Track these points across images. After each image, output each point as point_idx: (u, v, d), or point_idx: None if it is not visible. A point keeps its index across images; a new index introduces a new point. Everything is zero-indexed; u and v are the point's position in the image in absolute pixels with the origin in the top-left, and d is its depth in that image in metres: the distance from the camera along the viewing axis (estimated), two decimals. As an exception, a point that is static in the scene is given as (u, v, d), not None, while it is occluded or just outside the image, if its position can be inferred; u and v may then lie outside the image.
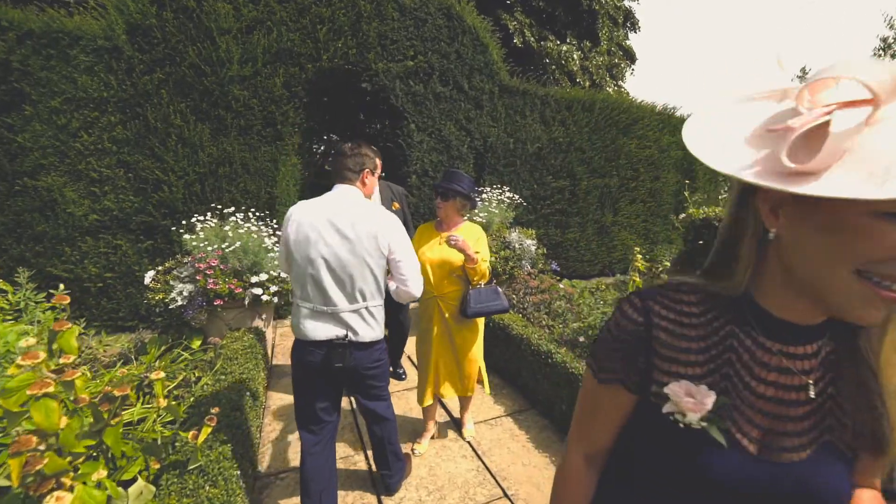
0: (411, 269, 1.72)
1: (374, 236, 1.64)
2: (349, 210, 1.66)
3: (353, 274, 1.64)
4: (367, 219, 1.65)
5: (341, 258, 1.62)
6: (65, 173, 3.99)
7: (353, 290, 1.65)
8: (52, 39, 3.77)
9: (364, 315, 1.69)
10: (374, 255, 1.65)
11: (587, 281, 6.89)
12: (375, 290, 1.70)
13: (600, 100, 6.61)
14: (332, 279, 1.64)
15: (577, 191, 6.62)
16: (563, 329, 3.15)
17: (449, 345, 2.32)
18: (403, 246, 1.70)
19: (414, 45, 5.09)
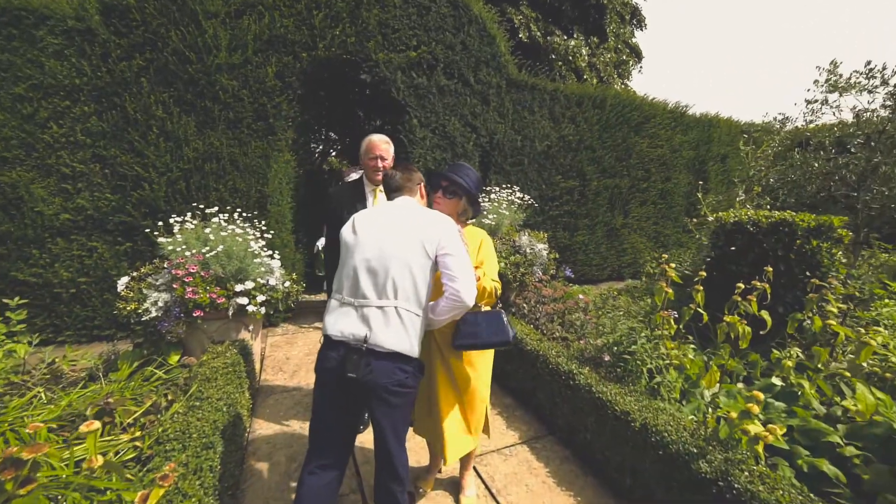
0: (462, 267, 1.53)
1: (422, 231, 1.55)
2: (403, 208, 1.66)
3: (389, 266, 1.50)
4: (418, 216, 1.61)
5: (381, 247, 1.53)
6: (32, 168, 3.64)
7: (386, 282, 1.49)
8: (13, 17, 3.41)
9: (390, 315, 1.46)
10: (418, 254, 1.53)
11: (597, 286, 6.58)
12: (412, 291, 1.51)
13: (611, 96, 6.30)
14: (365, 268, 1.52)
15: (587, 191, 6.31)
16: (582, 344, 2.82)
17: (444, 371, 1.90)
18: (455, 245, 1.56)
19: (417, 35, 4.76)
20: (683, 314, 2.44)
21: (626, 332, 2.54)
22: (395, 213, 1.64)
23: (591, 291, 4.99)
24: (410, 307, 1.49)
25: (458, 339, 1.73)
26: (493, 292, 1.81)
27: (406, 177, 1.76)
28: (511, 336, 1.74)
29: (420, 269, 1.52)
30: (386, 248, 1.52)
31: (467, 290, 1.50)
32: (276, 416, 2.86)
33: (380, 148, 2.49)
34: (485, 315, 1.77)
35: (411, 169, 1.79)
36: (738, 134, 7.71)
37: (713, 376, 2.30)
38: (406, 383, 1.47)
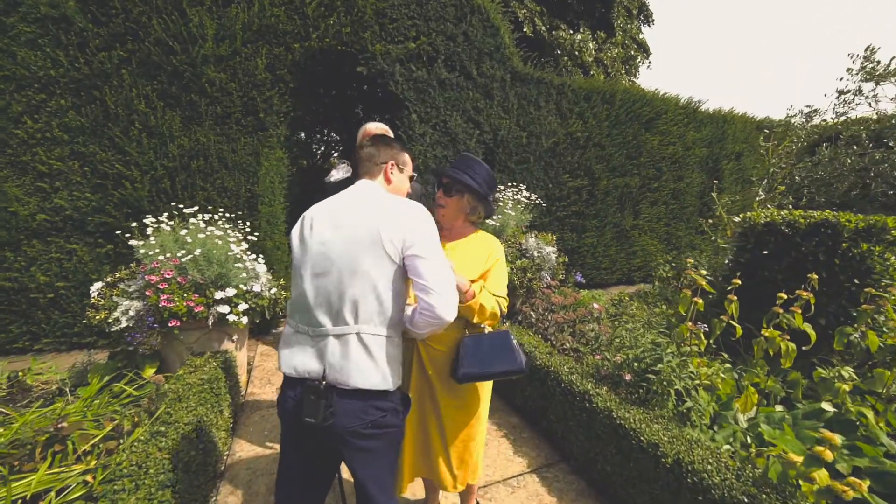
0: (437, 273, 1.16)
1: (381, 228, 1.16)
2: (359, 198, 1.27)
3: (343, 281, 1.16)
4: (374, 206, 1.23)
5: (332, 257, 1.18)
6: (6, 165, 3.41)
7: (342, 302, 1.16)
8: (-17, 5, 3.19)
9: (352, 345, 1.14)
10: (379, 259, 1.16)
11: (607, 291, 6.28)
12: (376, 310, 1.17)
13: (621, 91, 6.01)
14: (315, 286, 1.19)
15: (596, 191, 6.02)
16: (598, 359, 2.54)
17: (432, 412, 1.58)
18: (426, 242, 1.18)
19: (416, 25, 4.50)
20: (714, 327, 2.16)
21: (649, 348, 2.26)
22: (348, 206, 1.24)
23: (602, 297, 4.71)
24: (378, 329, 1.17)
25: (459, 370, 1.44)
26: (495, 312, 1.50)
27: (369, 151, 1.37)
28: (522, 363, 1.46)
29: (384, 280, 1.16)
30: (337, 256, 1.17)
31: (444, 304, 1.14)
32: (260, 436, 2.60)
33: None
34: (489, 338, 1.48)
35: (380, 141, 1.39)
36: (753, 130, 7.39)
37: (749, 398, 2.01)
38: (383, 423, 1.16)
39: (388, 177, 1.38)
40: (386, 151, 1.38)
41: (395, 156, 1.40)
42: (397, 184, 1.40)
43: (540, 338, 3.24)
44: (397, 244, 1.16)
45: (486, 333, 1.51)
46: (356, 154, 2.25)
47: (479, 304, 1.45)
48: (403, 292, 1.23)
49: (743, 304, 2.34)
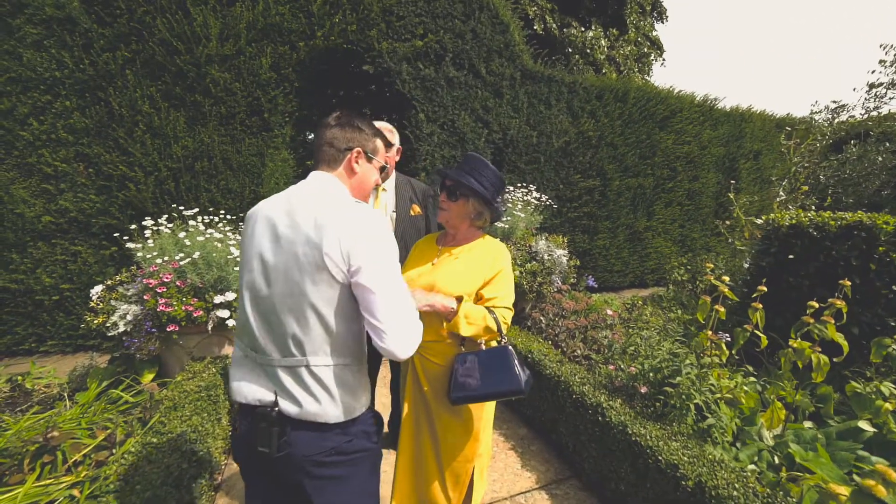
0: (391, 309, 0.96)
1: (320, 244, 0.95)
2: (304, 200, 1.03)
3: (283, 307, 0.99)
4: (320, 213, 0.99)
5: (269, 275, 1.01)
6: (12, 167, 3.41)
7: (286, 334, 0.99)
8: (-10, 6, 3.19)
9: (303, 376, 0.99)
10: (319, 280, 0.96)
11: (619, 294, 6.11)
12: (324, 340, 0.99)
13: (635, 89, 5.84)
14: (255, 309, 1.04)
15: (608, 192, 5.86)
16: (611, 369, 2.41)
17: (427, 430, 1.47)
18: (377, 267, 0.97)
19: (423, 23, 4.41)
20: (737, 337, 2.01)
21: (667, 358, 2.12)
22: (291, 211, 1.02)
23: (614, 301, 4.56)
24: (330, 360, 1.00)
25: (454, 393, 1.33)
26: (489, 325, 1.36)
27: (331, 134, 1.11)
28: (523, 384, 1.34)
29: (330, 307, 0.97)
30: (275, 277, 0.99)
31: (400, 345, 0.96)
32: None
33: None
34: (486, 356, 1.36)
35: (346, 122, 1.13)
36: (773, 129, 7.15)
37: (776, 414, 1.86)
38: (348, 448, 1.02)
39: (352, 167, 1.13)
40: (352, 134, 1.12)
41: (365, 141, 1.15)
42: (362, 177, 1.16)
43: (550, 344, 3.11)
44: (342, 265, 0.95)
45: (483, 350, 1.39)
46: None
47: (465, 321, 1.33)
48: (359, 312, 1.02)
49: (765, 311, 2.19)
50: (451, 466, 1.46)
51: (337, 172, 1.12)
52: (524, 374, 1.39)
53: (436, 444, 1.46)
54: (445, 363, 1.43)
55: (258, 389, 1.01)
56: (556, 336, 3.27)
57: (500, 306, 1.42)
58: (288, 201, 1.05)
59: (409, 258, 1.58)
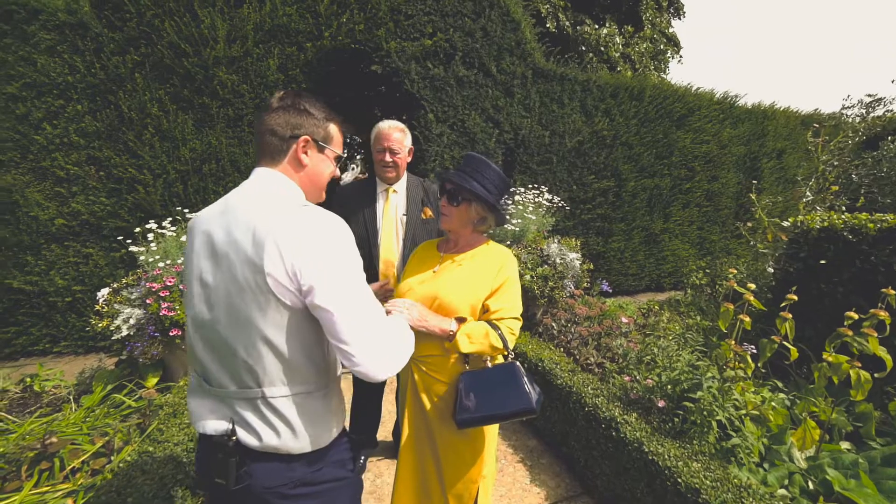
0: (357, 328, 0.83)
1: (261, 262, 0.81)
2: (242, 205, 0.88)
3: (229, 335, 0.86)
4: (258, 221, 0.84)
5: (211, 299, 0.87)
6: (28, 171, 3.45)
7: (237, 364, 0.87)
8: (4, 13, 3.23)
9: (262, 409, 0.87)
10: (264, 304, 0.83)
11: (634, 298, 5.92)
12: (280, 369, 0.87)
13: (651, 86, 5.66)
14: (201, 338, 0.91)
15: (623, 193, 5.68)
16: (626, 380, 2.28)
17: (429, 450, 1.37)
18: (333, 283, 0.82)
19: (432, 21, 4.33)
20: (763, 349, 1.87)
21: (686, 370, 1.99)
22: (228, 221, 0.87)
23: (630, 306, 4.40)
24: (290, 390, 0.88)
25: (459, 413, 1.23)
26: (494, 343, 1.26)
27: (271, 120, 0.93)
28: (533, 402, 1.24)
29: (282, 334, 0.84)
30: (217, 300, 0.86)
31: (373, 363, 0.84)
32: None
33: (390, 138, 2.01)
34: (492, 374, 1.26)
35: (291, 105, 0.95)
36: (798, 126, 6.85)
37: (809, 433, 1.71)
38: (317, 479, 0.92)
39: (299, 158, 0.95)
40: (298, 119, 0.94)
41: (314, 127, 0.96)
42: (312, 170, 0.98)
43: (562, 352, 2.99)
44: (289, 286, 0.81)
45: (488, 367, 1.29)
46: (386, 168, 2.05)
47: (466, 339, 1.24)
48: (319, 334, 0.89)
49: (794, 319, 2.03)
50: (455, 488, 1.37)
51: (282, 167, 0.95)
52: (535, 392, 1.28)
53: (438, 466, 1.36)
54: (449, 380, 1.33)
55: (214, 419, 0.90)
56: (569, 343, 3.15)
57: (508, 317, 1.32)
58: (225, 209, 0.90)
59: (409, 265, 1.49)
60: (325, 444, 0.93)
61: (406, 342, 0.96)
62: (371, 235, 2.08)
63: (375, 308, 0.89)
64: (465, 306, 1.30)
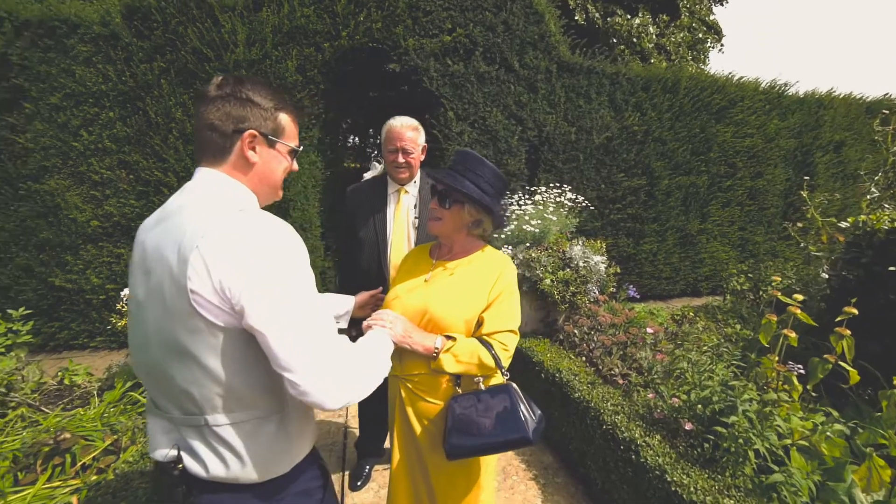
0: (298, 350, 0.73)
1: (186, 280, 0.71)
2: (171, 221, 0.79)
3: (164, 360, 0.78)
4: (186, 234, 0.74)
5: (144, 320, 0.79)
6: (68, 176, 3.64)
7: (176, 390, 0.79)
8: (49, 29, 3.42)
9: (209, 438, 0.79)
10: (192, 327, 0.74)
11: (667, 303, 5.58)
12: (220, 395, 0.77)
13: (686, 78, 5.29)
14: (140, 363, 0.84)
15: (656, 191, 5.35)
16: (651, 397, 2.08)
17: (421, 477, 1.26)
18: (268, 300, 0.72)
19: (452, 17, 4.23)
20: (815, 370, 1.64)
21: (719, 390, 1.78)
22: (159, 228, 0.80)
23: (662, 312, 4.11)
24: (236, 417, 0.79)
25: (450, 443, 1.12)
26: (486, 362, 1.15)
27: (211, 113, 0.82)
28: (530, 431, 1.10)
29: (214, 357, 0.75)
30: (148, 323, 0.78)
31: (320, 389, 0.73)
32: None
33: (403, 137, 1.89)
34: (485, 397, 1.14)
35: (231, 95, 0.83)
36: (862, 114, 6.22)
37: (876, 472, 1.47)
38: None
39: (246, 157, 0.84)
40: (241, 111, 0.82)
41: (260, 119, 0.85)
42: (263, 169, 0.87)
43: (583, 362, 2.81)
44: (221, 304, 0.72)
45: (481, 390, 1.17)
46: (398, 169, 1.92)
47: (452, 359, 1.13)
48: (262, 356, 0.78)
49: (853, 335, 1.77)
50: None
51: (226, 166, 0.84)
52: (532, 418, 1.15)
53: (431, 494, 1.25)
54: (440, 401, 1.21)
55: (164, 443, 0.83)
56: (592, 352, 2.95)
57: (503, 331, 1.20)
58: (161, 217, 0.81)
59: (399, 271, 1.39)
60: (283, 471, 0.85)
61: (372, 365, 0.86)
62: (381, 239, 1.99)
63: (323, 327, 0.78)
64: (458, 321, 1.19)
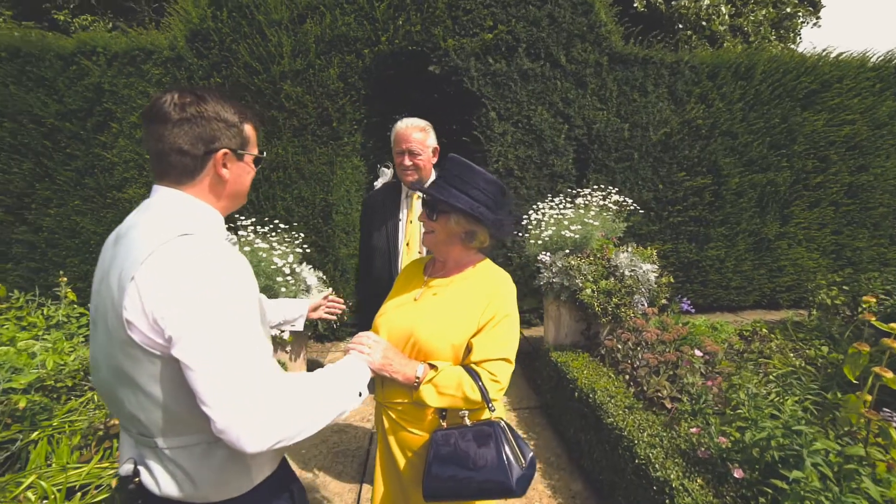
0: (222, 389, 0.69)
1: (120, 312, 0.71)
2: (120, 245, 0.78)
3: (112, 382, 0.79)
4: (121, 268, 0.73)
5: (95, 343, 0.82)
6: (142, 185, 4.06)
7: (127, 411, 0.79)
8: (131, 58, 3.85)
9: (161, 458, 0.79)
10: (132, 354, 0.73)
11: (737, 316, 4.97)
12: (163, 420, 0.76)
13: (764, 61, 4.65)
14: (96, 382, 0.86)
15: (724, 191, 4.77)
16: (695, 432, 1.81)
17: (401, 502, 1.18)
18: (196, 332, 0.69)
19: (493, 13, 4.09)
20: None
21: (781, 433, 1.49)
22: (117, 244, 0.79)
23: (727, 327, 3.64)
24: (183, 441, 0.78)
25: (425, 481, 1.01)
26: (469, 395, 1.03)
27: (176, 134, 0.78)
28: (514, 480, 0.96)
29: (155, 384, 0.74)
30: (98, 339, 0.80)
31: (241, 431, 0.68)
32: (293, 457, 2.52)
33: (409, 138, 1.82)
34: (468, 434, 1.02)
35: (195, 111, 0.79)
36: None
37: None
38: None
39: (220, 174, 0.83)
40: (210, 130, 0.80)
41: (230, 136, 0.83)
42: (234, 183, 0.87)
43: (625, 381, 2.55)
44: (154, 336, 0.71)
45: (466, 426, 1.05)
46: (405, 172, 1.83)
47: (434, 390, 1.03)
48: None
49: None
50: None
51: (193, 187, 0.83)
52: (519, 462, 1.00)
53: None
54: (426, 432, 1.11)
55: (125, 457, 0.85)
56: (635, 371, 2.68)
57: (494, 359, 1.07)
58: (118, 238, 0.80)
59: (395, 287, 1.31)
60: (240, 492, 0.83)
61: (321, 402, 0.80)
62: (392, 246, 1.94)
63: (251, 363, 0.72)
64: (445, 346, 1.08)
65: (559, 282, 3.12)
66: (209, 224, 0.84)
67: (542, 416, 3.00)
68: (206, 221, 0.84)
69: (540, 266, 3.29)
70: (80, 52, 3.85)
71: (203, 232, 0.78)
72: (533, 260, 3.39)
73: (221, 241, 0.80)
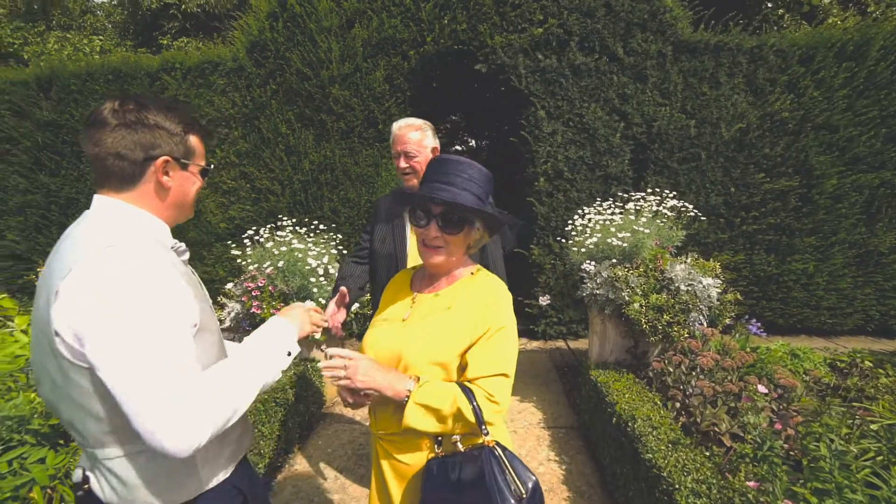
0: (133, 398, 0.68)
1: (48, 326, 0.71)
2: (53, 258, 0.78)
3: (47, 394, 0.81)
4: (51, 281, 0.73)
5: (37, 356, 0.81)
6: (207, 185, 4.42)
7: (66, 423, 0.81)
8: (201, 70, 4.22)
9: (102, 468, 0.79)
10: (63, 368, 0.73)
11: (830, 341, 4.25)
12: (102, 431, 0.76)
13: (884, 35, 3.89)
14: (41, 395, 0.85)
15: (816, 194, 4.09)
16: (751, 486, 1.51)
17: None
18: (107, 336, 0.69)
19: (543, 7, 3.88)
20: None
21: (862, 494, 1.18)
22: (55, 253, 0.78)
23: (813, 355, 3.11)
24: (119, 451, 0.77)
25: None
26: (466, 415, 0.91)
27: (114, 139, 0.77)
28: None
29: (88, 397, 0.74)
30: (34, 353, 0.80)
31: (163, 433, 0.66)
32: (319, 456, 2.55)
33: (404, 140, 1.72)
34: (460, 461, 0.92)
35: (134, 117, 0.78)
36: None
37: None
38: None
39: (161, 182, 0.82)
40: (149, 136, 0.79)
41: (172, 144, 0.82)
42: (178, 191, 0.86)
43: (672, 410, 2.25)
44: (78, 347, 0.70)
45: (459, 453, 0.94)
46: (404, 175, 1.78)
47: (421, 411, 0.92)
48: None
49: None
50: None
51: (133, 194, 0.82)
52: (517, 492, 0.88)
53: None
54: (419, 463, 1.00)
55: (80, 463, 0.86)
56: (688, 399, 2.35)
57: (490, 374, 0.95)
58: (57, 247, 0.80)
59: (381, 303, 1.21)
60: (187, 497, 0.83)
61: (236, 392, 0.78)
62: (399, 253, 1.86)
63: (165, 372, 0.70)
64: (435, 368, 0.98)
65: (603, 294, 2.85)
66: (148, 232, 0.83)
67: (579, 437, 2.76)
68: (144, 230, 0.82)
69: (584, 276, 3.03)
70: (163, 69, 4.29)
71: (132, 242, 0.76)
72: (577, 269, 3.14)
73: (151, 251, 0.78)
